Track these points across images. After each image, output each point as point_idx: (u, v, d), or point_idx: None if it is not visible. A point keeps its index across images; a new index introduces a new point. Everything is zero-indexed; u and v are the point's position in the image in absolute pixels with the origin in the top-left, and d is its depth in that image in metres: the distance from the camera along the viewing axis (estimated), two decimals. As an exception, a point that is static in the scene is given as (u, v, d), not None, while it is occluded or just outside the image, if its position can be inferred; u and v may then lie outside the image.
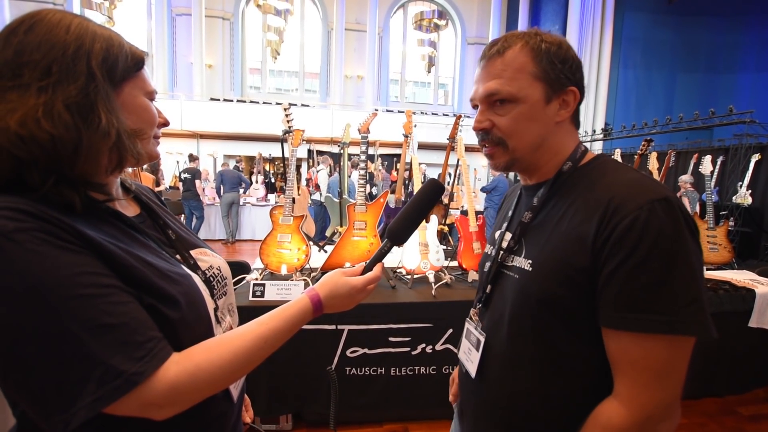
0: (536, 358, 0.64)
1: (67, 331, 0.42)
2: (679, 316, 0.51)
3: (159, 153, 0.62)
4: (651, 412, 0.54)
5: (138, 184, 0.70)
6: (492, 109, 0.66)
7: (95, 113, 0.48)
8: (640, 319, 0.52)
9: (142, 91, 0.57)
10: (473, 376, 0.72)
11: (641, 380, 0.54)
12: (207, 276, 0.65)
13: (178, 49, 11.91)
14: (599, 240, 0.55)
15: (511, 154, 0.67)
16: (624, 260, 0.53)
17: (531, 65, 0.63)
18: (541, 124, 0.65)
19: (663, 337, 0.52)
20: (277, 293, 1.86)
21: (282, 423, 1.92)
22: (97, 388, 0.42)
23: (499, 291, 0.72)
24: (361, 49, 12.80)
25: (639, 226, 0.53)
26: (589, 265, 0.56)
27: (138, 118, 0.55)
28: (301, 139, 2.35)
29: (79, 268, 0.44)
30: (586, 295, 0.57)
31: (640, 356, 0.53)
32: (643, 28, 10.92)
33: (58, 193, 0.46)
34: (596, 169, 0.66)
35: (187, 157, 7.10)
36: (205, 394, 0.50)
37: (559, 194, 0.66)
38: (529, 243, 0.67)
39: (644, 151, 2.89)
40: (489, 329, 0.72)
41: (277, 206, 2.20)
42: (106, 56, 0.50)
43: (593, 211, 0.57)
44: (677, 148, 7.36)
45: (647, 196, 0.54)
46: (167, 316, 0.50)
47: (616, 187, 0.58)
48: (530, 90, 0.63)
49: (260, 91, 13.36)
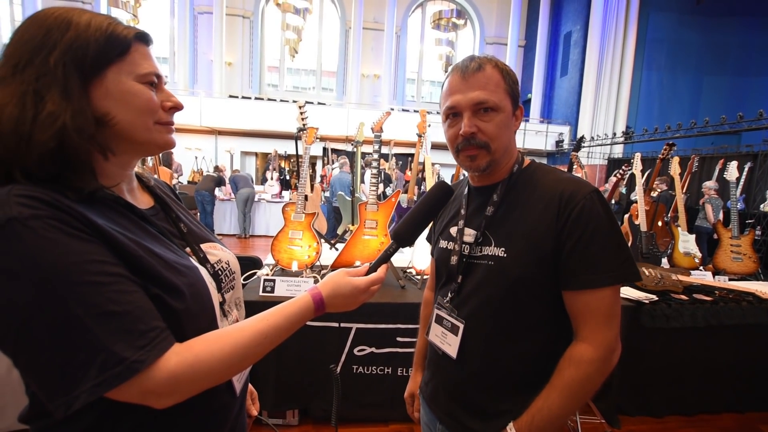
0: (512, 327, 0.77)
1: (73, 316, 0.43)
2: (619, 270, 0.70)
3: (171, 140, 0.59)
4: (609, 344, 0.71)
5: (156, 179, 0.72)
6: (477, 116, 0.75)
7: (43, 104, 0.47)
8: (597, 278, 0.70)
9: (131, 75, 0.53)
10: (454, 357, 0.82)
11: (601, 323, 0.71)
12: (215, 269, 0.65)
13: (199, 46, 12.17)
14: (559, 224, 0.71)
15: (492, 156, 0.77)
16: (579, 238, 0.70)
17: (503, 82, 0.75)
18: (510, 132, 0.79)
19: (611, 288, 0.71)
20: (287, 289, 1.88)
21: (288, 418, 1.94)
22: (98, 374, 0.43)
23: (472, 279, 0.81)
24: (378, 48, 12.82)
25: (586, 211, 0.70)
26: (553, 244, 0.72)
27: (126, 105, 0.52)
28: (314, 136, 2.37)
29: (88, 255, 0.45)
30: (551, 270, 0.73)
31: (597, 306, 0.71)
32: (668, 29, 10.59)
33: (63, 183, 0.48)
34: (538, 170, 0.82)
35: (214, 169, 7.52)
36: (205, 385, 0.50)
37: (514, 191, 0.80)
38: (496, 233, 0.78)
39: (665, 155, 2.80)
40: (467, 314, 0.81)
41: (290, 203, 2.22)
42: (72, 44, 0.49)
43: (549, 203, 0.73)
44: (702, 153, 7.12)
45: (586, 189, 0.73)
46: (172, 307, 0.51)
47: (562, 184, 0.75)
48: (506, 102, 0.76)
49: (278, 88, 13.53)
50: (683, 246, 2.77)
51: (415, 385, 1.04)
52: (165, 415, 0.50)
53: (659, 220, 3.05)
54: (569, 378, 0.71)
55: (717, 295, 2.24)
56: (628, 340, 2.04)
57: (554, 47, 12.60)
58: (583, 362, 0.70)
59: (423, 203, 0.74)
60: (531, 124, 11.54)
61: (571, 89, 11.55)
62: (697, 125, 6.44)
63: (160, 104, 0.56)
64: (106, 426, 0.51)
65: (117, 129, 0.53)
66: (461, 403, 0.83)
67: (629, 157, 8.82)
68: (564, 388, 0.71)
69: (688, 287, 2.29)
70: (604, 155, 10.13)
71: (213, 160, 10.57)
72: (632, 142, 8.76)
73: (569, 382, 0.71)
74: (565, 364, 0.72)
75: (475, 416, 0.81)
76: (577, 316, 0.73)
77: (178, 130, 9.12)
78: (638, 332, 2.05)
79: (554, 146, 11.43)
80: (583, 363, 0.70)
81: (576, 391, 0.71)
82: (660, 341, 2.08)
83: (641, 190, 2.74)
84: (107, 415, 0.50)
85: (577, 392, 0.71)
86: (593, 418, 1.93)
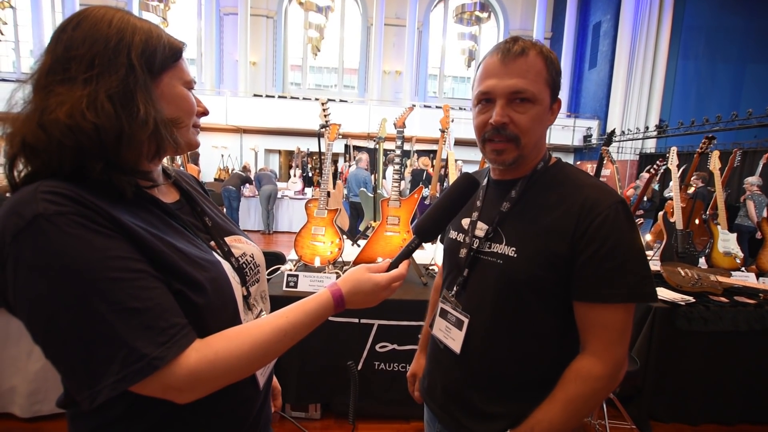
0: (515, 329, 0.74)
1: (96, 311, 0.44)
2: (636, 288, 0.66)
3: (199, 141, 0.63)
4: (618, 361, 0.68)
5: (180, 171, 0.73)
6: (511, 106, 0.70)
7: (134, 103, 0.49)
8: (612, 293, 0.66)
9: (180, 81, 0.58)
10: (458, 352, 0.79)
11: (612, 339, 0.68)
12: (240, 263, 0.66)
13: (225, 47, 12.46)
14: (578, 232, 0.68)
15: (521, 150, 0.72)
16: (598, 248, 0.66)
17: (545, 72, 0.70)
18: (543, 127, 0.74)
19: (624, 306, 0.67)
20: (310, 284, 1.90)
21: (311, 411, 1.96)
22: (120, 369, 0.44)
23: (478, 275, 0.78)
24: (399, 44, 12.74)
25: (609, 222, 0.67)
26: (568, 252, 0.68)
27: (176, 107, 0.57)
28: (337, 133, 2.37)
29: (111, 251, 0.45)
30: (561, 277, 0.70)
31: (610, 321, 0.68)
32: (707, 15, 9.97)
33: (110, 181, 0.49)
34: (563, 171, 0.77)
35: (242, 168, 7.73)
36: (224, 381, 0.51)
37: (534, 189, 0.76)
38: (508, 231, 0.75)
39: (704, 149, 2.64)
40: (471, 310, 0.79)
41: (313, 199, 2.24)
42: (144, 48, 0.51)
43: (570, 208, 0.69)
44: (744, 147, 6.69)
45: (611, 199, 0.68)
46: (194, 302, 0.52)
47: (587, 189, 0.71)
48: (545, 94, 0.70)
49: (300, 87, 13.68)
50: (723, 245, 2.61)
51: (419, 367, 1.03)
52: (191, 407, 0.51)
53: (696, 218, 2.89)
54: (574, 393, 0.68)
55: (761, 298, 2.10)
56: (661, 342, 1.95)
57: (582, 38, 12.15)
58: (591, 378, 0.68)
59: (447, 196, 0.71)
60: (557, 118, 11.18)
61: (600, 82, 11.11)
62: (738, 117, 6.06)
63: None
64: (135, 415, 0.52)
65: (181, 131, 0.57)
66: (458, 400, 0.81)
67: (662, 153, 8.42)
68: (568, 402, 0.68)
69: (729, 289, 2.16)
70: (636, 150, 9.69)
71: (238, 158, 10.83)
72: (666, 136, 8.35)
73: (573, 396, 0.68)
74: (570, 376, 0.69)
75: (471, 416, 0.79)
76: (587, 329, 0.70)
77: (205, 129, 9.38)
78: (673, 335, 1.95)
79: (581, 141, 11.04)
80: (590, 379, 0.68)
81: (580, 407, 0.68)
82: (697, 345, 1.98)
83: (677, 186, 2.60)
84: (137, 405, 0.52)
85: (581, 408, 0.69)
86: (624, 424, 1.85)
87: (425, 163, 6.43)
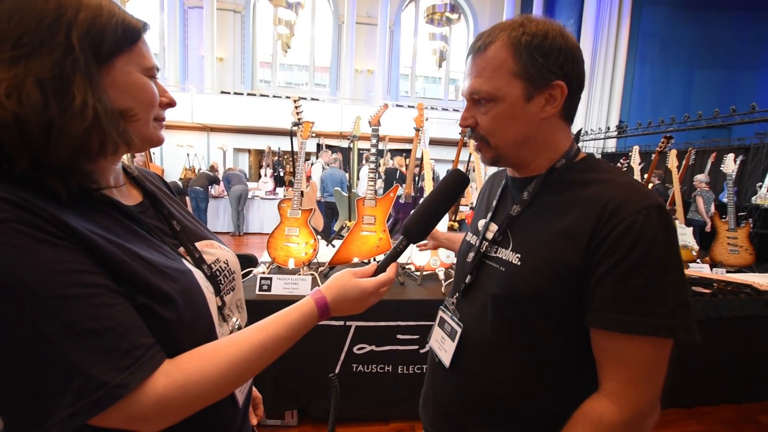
0: (513, 349, 0.65)
1: (43, 335, 0.37)
2: (668, 320, 0.53)
3: (162, 137, 0.56)
4: (640, 409, 0.55)
5: (143, 170, 0.66)
6: (476, 107, 0.65)
7: (69, 91, 0.42)
8: (633, 321, 0.54)
9: (138, 67, 0.50)
10: (447, 366, 0.72)
11: (632, 378, 0.55)
12: (213, 271, 0.61)
13: (190, 42, 11.95)
14: (595, 240, 0.56)
15: (495, 151, 0.67)
16: (618, 262, 0.54)
17: (510, 62, 0.61)
18: (523, 122, 0.64)
19: (651, 339, 0.54)
20: (284, 287, 1.84)
21: (287, 419, 1.91)
22: (74, 401, 0.38)
23: (480, 282, 0.71)
24: (371, 43, 12.70)
25: (636, 230, 0.54)
26: (581, 264, 0.57)
27: (132, 98, 0.49)
28: (310, 131, 2.32)
29: (62, 264, 0.39)
30: (572, 294, 0.58)
31: (631, 356, 0.55)
32: (661, 23, 10.61)
33: (40, 181, 0.42)
34: (591, 169, 0.65)
35: (209, 168, 7.50)
36: (198, 406, 0.46)
37: (551, 190, 0.66)
38: (517, 236, 0.67)
39: (663, 148, 2.79)
40: (467, 320, 0.71)
41: (286, 199, 2.17)
42: (90, 27, 0.44)
43: (588, 210, 0.58)
44: (695, 146, 7.16)
45: (644, 202, 0.55)
46: (162, 317, 0.46)
47: (613, 189, 0.58)
48: (509, 88, 0.61)
49: (270, 84, 13.36)
50: (681, 239, 2.78)
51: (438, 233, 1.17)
52: None
53: (656, 214, 3.04)
54: None
55: (715, 287, 2.24)
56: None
57: (548, 41, 12.60)
58: (603, 425, 0.55)
59: (436, 194, 0.67)
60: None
61: (564, 83, 11.57)
62: (690, 119, 6.47)
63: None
64: None
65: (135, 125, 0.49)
66: (449, 421, 0.73)
67: (622, 152, 8.86)
68: None
69: (687, 280, 2.29)
70: (598, 150, 10.16)
71: (205, 157, 10.44)
72: (626, 136, 8.78)
73: None
74: (578, 420, 0.58)
75: None
76: (603, 361, 0.58)
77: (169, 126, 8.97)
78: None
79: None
80: (602, 426, 0.55)
81: None
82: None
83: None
84: None
85: None
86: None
87: (400, 162, 6.44)
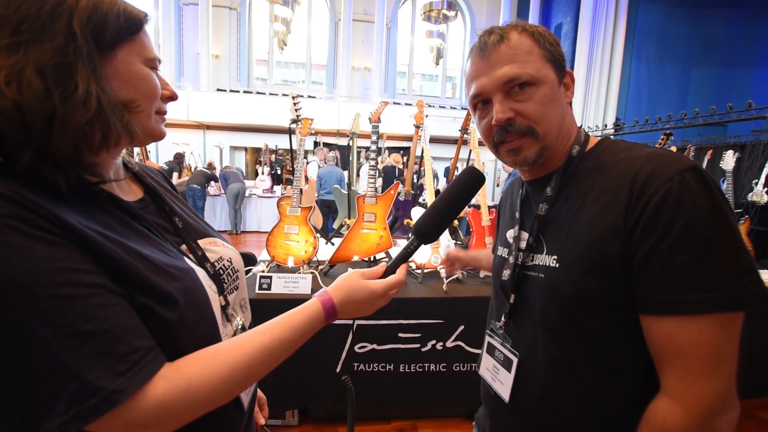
0: (576, 365, 0.57)
1: (36, 337, 0.35)
2: (733, 290, 0.46)
3: (164, 131, 0.54)
4: (709, 406, 0.48)
5: (144, 165, 0.64)
6: (510, 98, 0.60)
7: (72, 79, 0.40)
8: (688, 299, 0.47)
9: (139, 58, 0.49)
10: (506, 401, 0.65)
11: (693, 370, 0.48)
12: (216, 269, 0.59)
13: (185, 39, 11.85)
14: (630, 221, 0.51)
15: (541, 142, 0.61)
16: (661, 239, 0.48)
17: (537, 47, 0.60)
18: (560, 107, 0.61)
19: (714, 318, 0.47)
20: (284, 286, 1.82)
21: (288, 418, 1.89)
22: (68, 408, 0.36)
23: (525, 297, 0.64)
24: (368, 40, 12.64)
25: (672, 199, 0.48)
26: (622, 249, 0.51)
27: (134, 89, 0.48)
28: (309, 128, 2.29)
29: (57, 263, 0.37)
30: (623, 285, 0.52)
31: (690, 343, 0.48)
32: (657, 21, 10.65)
33: (39, 174, 0.40)
34: (608, 150, 0.61)
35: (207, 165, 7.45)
36: (199, 412, 0.44)
37: (573, 180, 0.61)
38: (550, 238, 0.61)
39: (663, 145, 2.79)
40: (521, 345, 0.65)
41: (285, 197, 2.15)
42: (92, 14, 0.42)
43: (618, 191, 0.53)
44: (691, 143, 7.20)
45: (675, 167, 0.50)
46: (163, 318, 0.44)
47: (639, 162, 0.53)
48: (546, 70, 0.60)
49: (267, 82, 13.28)
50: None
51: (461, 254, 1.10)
52: None
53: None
54: None
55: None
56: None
57: (545, 39, 12.62)
58: (667, 430, 0.49)
59: (449, 193, 0.63)
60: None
61: (561, 81, 11.60)
62: (687, 116, 6.50)
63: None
64: None
65: (137, 117, 0.47)
66: None
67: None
68: None
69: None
70: (595, 147, 10.21)
71: (201, 155, 10.37)
72: (623, 133, 8.82)
73: None
74: (642, 427, 0.52)
75: None
76: (659, 355, 0.51)
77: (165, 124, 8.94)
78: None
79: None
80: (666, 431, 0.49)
81: None
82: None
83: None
84: None
85: None
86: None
87: (397, 160, 6.42)
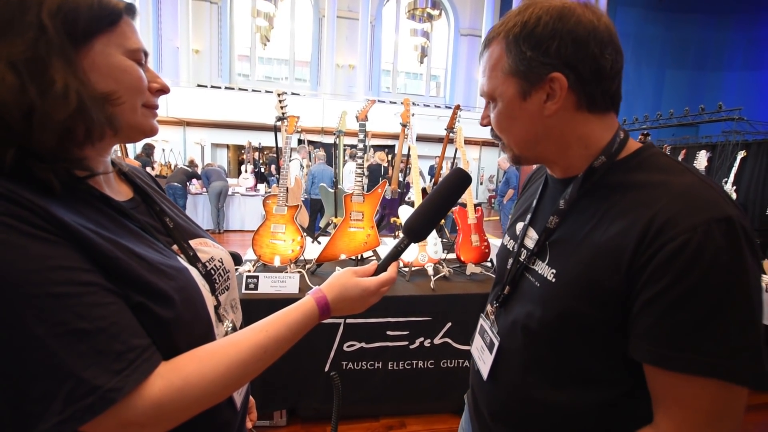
0: (551, 368, 0.59)
1: (31, 336, 0.35)
2: (728, 361, 0.43)
3: (154, 126, 0.53)
4: None
5: (133, 167, 0.63)
6: (488, 106, 0.64)
7: (48, 73, 0.39)
8: (682, 359, 0.44)
9: (120, 49, 0.47)
10: (485, 378, 0.70)
11: (690, 421, 0.45)
12: (208, 269, 0.59)
13: (164, 32, 11.52)
14: (638, 261, 0.47)
15: (511, 150, 0.64)
16: (667, 288, 0.44)
17: (504, 60, 0.57)
18: (525, 122, 0.58)
19: (716, 381, 0.44)
20: (271, 285, 1.80)
21: (276, 419, 1.87)
22: (64, 407, 0.35)
23: (519, 295, 0.67)
24: (352, 37, 12.59)
25: (690, 251, 0.43)
26: (622, 288, 0.48)
27: (114, 81, 0.46)
28: (295, 126, 2.27)
29: (52, 261, 0.37)
30: (616, 318, 0.50)
31: (689, 396, 0.45)
32: (634, 24, 10.98)
33: (29, 172, 0.39)
34: (643, 165, 0.54)
35: (188, 163, 7.30)
36: (196, 410, 0.44)
37: (593, 196, 0.56)
38: (555, 250, 0.60)
39: (640, 145, 2.89)
40: (504, 333, 0.68)
41: (271, 195, 2.12)
42: (61, 5, 0.41)
43: (633, 223, 0.48)
44: (666, 143, 7.48)
45: (705, 214, 0.44)
46: (159, 316, 0.44)
47: (668, 195, 0.48)
48: (504, 87, 0.57)
49: (249, 78, 13.07)
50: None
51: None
52: None
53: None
54: None
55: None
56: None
57: (527, 40, 12.84)
58: None
59: (438, 193, 0.66)
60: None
61: (543, 82, 11.83)
62: (662, 117, 6.74)
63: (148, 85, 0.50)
64: None
65: (119, 110, 0.46)
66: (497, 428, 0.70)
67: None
68: None
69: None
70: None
71: (182, 152, 10.12)
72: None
73: None
74: None
75: None
76: (656, 396, 0.49)
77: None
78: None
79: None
80: None
81: None
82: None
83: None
84: None
85: None
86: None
87: (382, 158, 6.42)
